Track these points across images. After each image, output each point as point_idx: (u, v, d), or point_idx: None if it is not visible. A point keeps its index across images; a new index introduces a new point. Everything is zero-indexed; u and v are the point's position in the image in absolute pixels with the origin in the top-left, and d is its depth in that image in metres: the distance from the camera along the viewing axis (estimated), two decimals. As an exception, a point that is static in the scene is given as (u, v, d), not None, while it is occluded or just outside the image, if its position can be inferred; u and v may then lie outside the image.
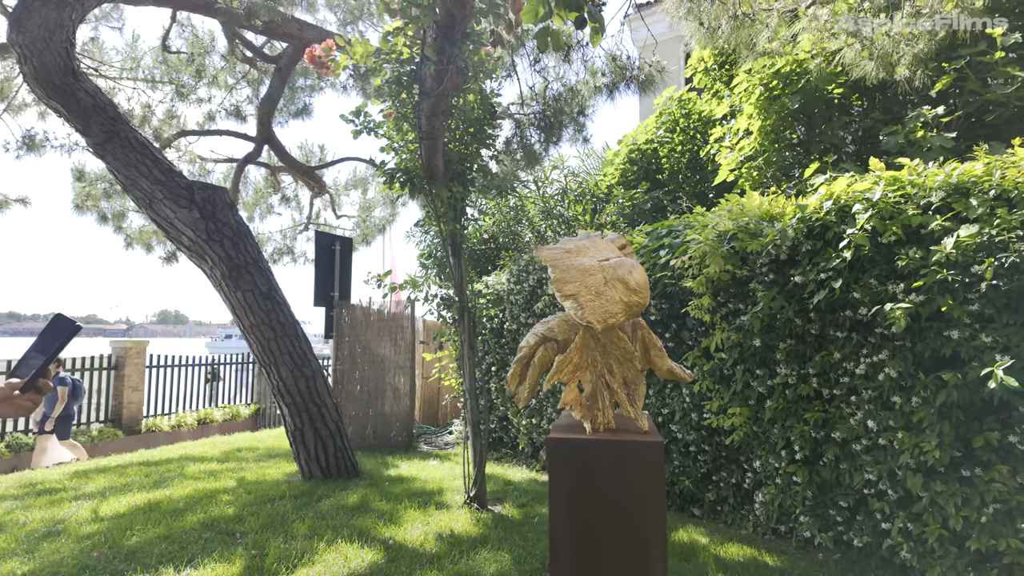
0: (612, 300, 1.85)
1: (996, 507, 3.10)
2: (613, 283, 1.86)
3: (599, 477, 1.77)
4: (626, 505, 1.76)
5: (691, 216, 4.99)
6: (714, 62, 7.42)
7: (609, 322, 1.88)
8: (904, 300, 3.33)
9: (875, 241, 3.53)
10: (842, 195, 3.79)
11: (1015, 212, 3.05)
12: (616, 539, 1.76)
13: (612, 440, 1.83)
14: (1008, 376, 2.88)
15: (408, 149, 4.70)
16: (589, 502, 1.77)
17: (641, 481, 1.77)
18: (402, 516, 4.70)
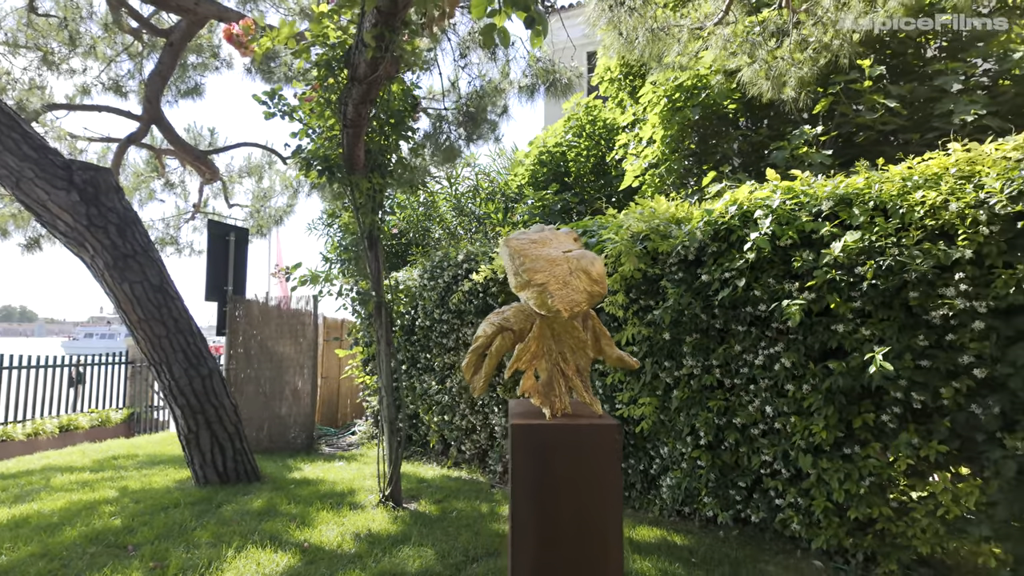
0: (577, 289, 1.92)
1: (871, 480, 3.53)
2: (577, 273, 1.93)
3: (560, 460, 1.84)
4: (586, 486, 1.84)
5: (604, 217, 5.22)
6: (619, 72, 7.79)
7: (575, 310, 1.96)
8: (799, 297, 3.70)
9: (774, 244, 3.90)
10: (745, 202, 4.14)
11: (890, 221, 3.49)
12: (576, 520, 1.83)
13: (572, 424, 1.90)
14: (886, 363, 3.29)
15: (327, 136, 4.53)
16: (551, 485, 1.83)
17: (600, 463, 1.86)
18: (315, 518, 4.52)
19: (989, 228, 3.15)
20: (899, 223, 3.47)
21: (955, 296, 3.23)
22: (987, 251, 3.16)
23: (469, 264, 6.28)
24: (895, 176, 3.64)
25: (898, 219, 3.47)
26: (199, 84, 8.55)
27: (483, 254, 6.17)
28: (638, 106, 7.37)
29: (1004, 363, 3.12)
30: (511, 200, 8.07)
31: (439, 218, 8.37)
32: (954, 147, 3.59)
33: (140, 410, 11.87)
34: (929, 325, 3.38)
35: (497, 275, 5.71)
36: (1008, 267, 3.10)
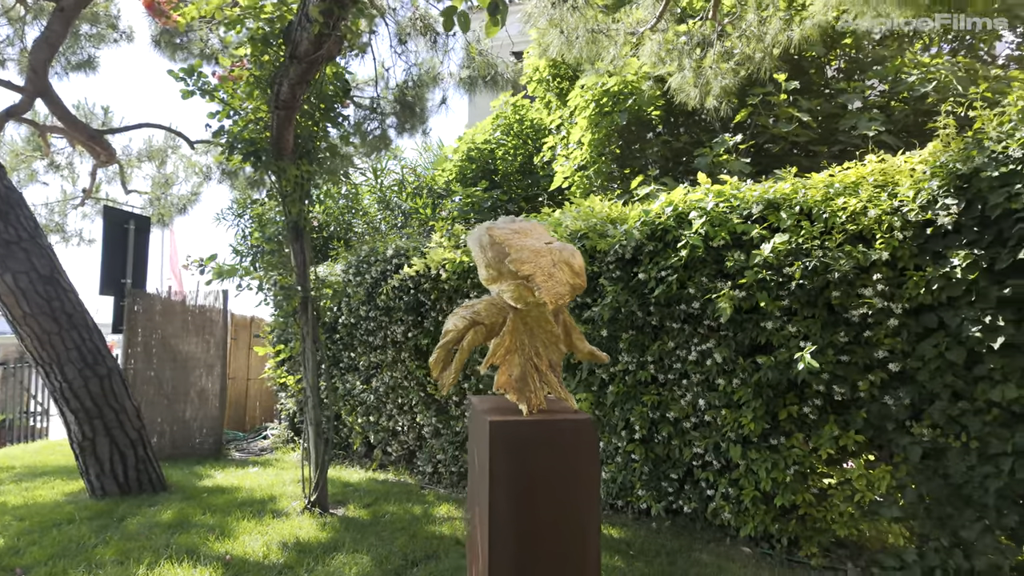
0: (561, 282, 1.89)
1: (796, 468, 3.75)
2: (560, 265, 1.89)
3: (539, 456, 1.79)
4: (564, 482, 1.80)
5: (541, 215, 5.23)
6: (548, 73, 7.86)
7: (559, 302, 1.92)
8: (729, 293, 3.86)
9: (707, 244, 4.05)
10: (680, 203, 4.28)
11: (815, 225, 3.72)
12: (555, 516, 1.79)
13: (550, 420, 1.86)
14: (811, 359, 3.50)
15: (253, 118, 4.23)
16: (530, 482, 1.78)
17: (578, 458, 1.83)
18: (235, 528, 4.21)
19: (903, 234, 3.43)
20: (823, 227, 3.70)
21: (873, 296, 3.49)
22: (900, 255, 3.44)
23: (399, 259, 6.10)
24: (818, 183, 3.89)
25: (822, 223, 3.71)
26: (93, 57, 7.72)
27: (414, 249, 6.02)
28: (565, 109, 7.46)
29: (914, 358, 3.41)
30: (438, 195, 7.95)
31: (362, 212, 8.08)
32: (870, 159, 3.88)
33: (13, 417, 10.63)
34: (848, 323, 3.64)
35: (431, 271, 5.59)
36: (918, 270, 3.39)
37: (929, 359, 3.33)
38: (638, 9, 5.52)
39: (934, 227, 3.35)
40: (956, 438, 3.27)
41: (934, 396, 3.35)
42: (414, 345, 6.00)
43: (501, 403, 2.13)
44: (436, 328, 5.74)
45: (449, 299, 5.60)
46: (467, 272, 5.32)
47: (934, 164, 3.50)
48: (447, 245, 5.64)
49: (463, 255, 5.32)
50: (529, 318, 2.01)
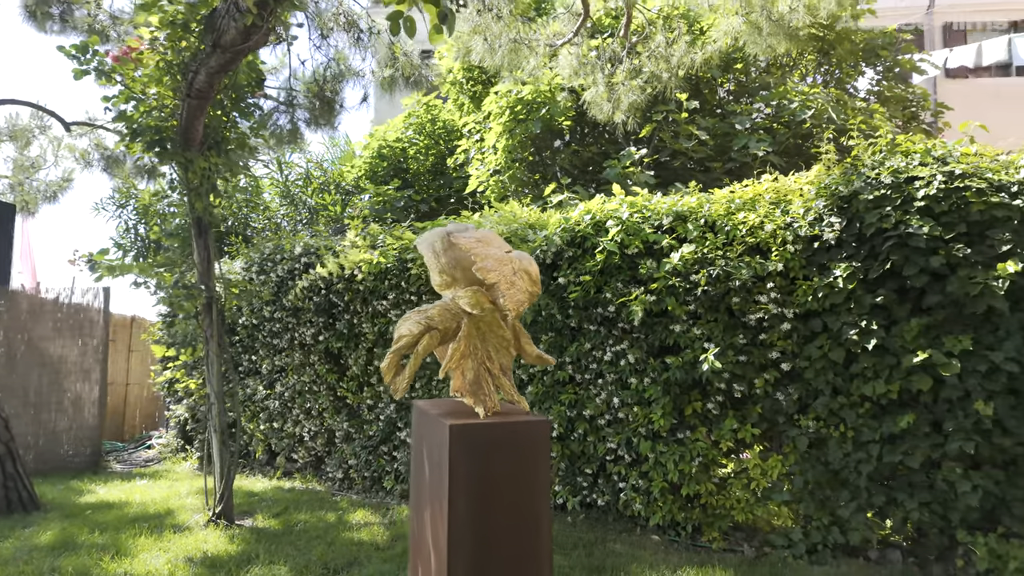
0: (521, 289, 1.96)
1: (700, 460, 4.06)
2: (520, 274, 1.96)
3: (498, 458, 1.85)
4: (520, 481, 1.88)
5: (460, 219, 5.28)
6: (462, 76, 7.91)
7: (519, 310, 1.98)
8: (640, 297, 4.12)
9: (622, 252, 4.29)
10: (598, 212, 4.50)
11: (719, 236, 4.07)
12: (511, 515, 1.86)
13: (508, 422, 1.92)
14: (715, 359, 3.83)
15: (158, 104, 3.93)
16: (488, 483, 1.84)
17: (534, 458, 1.91)
18: (131, 546, 3.89)
19: (794, 247, 3.84)
20: (725, 239, 4.05)
21: (768, 302, 3.87)
22: (792, 266, 3.84)
23: (308, 258, 5.90)
24: (721, 199, 4.25)
25: (724, 235, 4.06)
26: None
27: (325, 248, 5.84)
28: (480, 113, 7.55)
29: (801, 358, 3.82)
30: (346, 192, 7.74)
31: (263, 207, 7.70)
32: (766, 178, 4.30)
33: None
34: (746, 326, 4.01)
35: (345, 271, 5.45)
36: (806, 279, 3.80)
37: (814, 359, 3.75)
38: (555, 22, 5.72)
39: (820, 242, 3.78)
40: (836, 429, 3.71)
41: (818, 392, 3.78)
42: (324, 348, 5.83)
43: (454, 407, 2.17)
44: (349, 330, 5.61)
45: (364, 300, 5.50)
46: (384, 274, 5.26)
47: (819, 186, 3.94)
48: (363, 245, 5.53)
49: (380, 256, 5.25)
50: (482, 323, 2.07)
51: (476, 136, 7.64)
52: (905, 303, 3.55)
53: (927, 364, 3.38)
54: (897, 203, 3.54)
